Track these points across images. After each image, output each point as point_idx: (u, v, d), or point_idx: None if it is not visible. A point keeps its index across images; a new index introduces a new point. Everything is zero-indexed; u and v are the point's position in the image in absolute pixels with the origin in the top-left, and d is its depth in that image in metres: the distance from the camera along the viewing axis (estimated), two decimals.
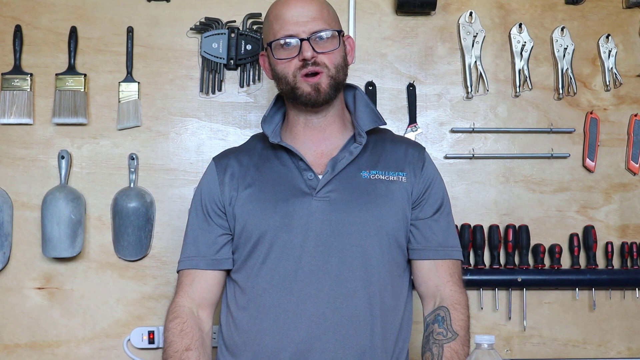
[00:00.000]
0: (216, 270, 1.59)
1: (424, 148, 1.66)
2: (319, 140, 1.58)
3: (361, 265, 1.50)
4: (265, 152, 1.61)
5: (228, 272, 1.62)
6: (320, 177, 1.54)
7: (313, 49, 1.49)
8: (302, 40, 1.49)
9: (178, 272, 1.63)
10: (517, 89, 2.18)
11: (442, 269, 1.56)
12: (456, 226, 2.08)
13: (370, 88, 2.17)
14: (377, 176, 1.55)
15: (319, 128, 1.59)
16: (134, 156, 2.12)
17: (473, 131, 2.18)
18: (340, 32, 1.55)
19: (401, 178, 1.56)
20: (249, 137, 1.75)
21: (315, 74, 1.51)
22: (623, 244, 2.17)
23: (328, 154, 1.57)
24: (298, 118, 1.59)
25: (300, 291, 1.49)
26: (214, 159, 1.68)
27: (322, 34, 1.51)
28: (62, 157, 2.09)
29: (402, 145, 1.63)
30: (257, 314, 1.52)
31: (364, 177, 1.54)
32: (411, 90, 2.17)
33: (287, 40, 1.51)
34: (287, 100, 1.59)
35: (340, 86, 1.56)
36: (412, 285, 1.64)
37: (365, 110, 1.62)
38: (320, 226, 1.50)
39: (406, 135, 2.16)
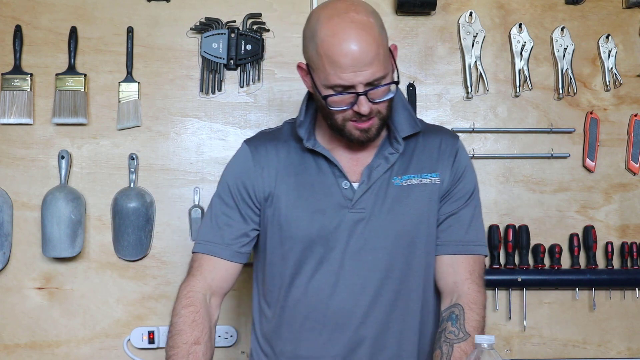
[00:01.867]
0: (237, 263, 1.55)
1: (457, 137, 1.59)
2: (354, 147, 1.52)
3: (397, 277, 1.49)
4: (302, 152, 1.54)
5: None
6: (355, 185, 1.50)
7: (369, 100, 1.40)
8: (358, 92, 1.39)
9: (195, 252, 1.57)
10: (517, 89, 2.18)
11: (462, 266, 1.51)
12: None
13: None
14: (410, 181, 1.50)
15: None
16: (134, 156, 2.12)
17: (473, 131, 2.18)
18: (395, 80, 1.45)
19: (434, 179, 1.52)
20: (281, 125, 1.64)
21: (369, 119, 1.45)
22: (623, 244, 2.17)
23: (363, 160, 1.52)
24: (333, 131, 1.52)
25: (336, 305, 1.48)
26: (247, 143, 1.58)
27: (381, 86, 1.40)
28: (62, 157, 2.09)
29: (436, 140, 1.55)
30: (292, 322, 1.52)
31: (396, 185, 1.50)
32: (411, 90, 2.17)
33: (342, 90, 1.39)
34: (331, 130, 1.50)
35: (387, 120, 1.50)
36: None
37: (403, 113, 1.54)
38: (356, 240, 1.48)
39: None
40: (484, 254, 1.56)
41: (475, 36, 2.18)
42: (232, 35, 2.13)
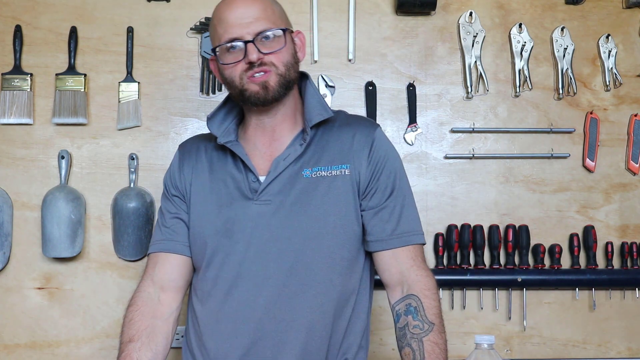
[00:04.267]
0: (182, 255, 1.58)
1: (376, 127, 1.58)
2: (269, 141, 1.55)
3: (301, 269, 1.48)
4: (222, 149, 1.58)
5: None
6: (262, 178, 1.51)
7: (259, 50, 1.45)
8: (246, 42, 1.45)
9: (148, 255, 1.64)
10: (517, 89, 2.18)
11: (403, 255, 1.51)
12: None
13: (370, 88, 2.17)
14: (319, 173, 1.51)
15: (269, 128, 1.55)
16: (134, 156, 2.12)
17: (473, 131, 2.18)
18: (286, 30, 1.50)
19: (344, 171, 1.51)
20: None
21: (262, 72, 1.47)
22: (623, 244, 2.17)
23: (275, 154, 1.54)
24: (250, 119, 1.56)
25: (239, 297, 1.49)
26: (179, 146, 1.68)
27: (268, 33, 1.47)
28: (62, 157, 2.10)
29: (350, 132, 1.55)
30: (202, 316, 1.53)
31: (305, 177, 1.50)
32: (411, 90, 2.17)
33: (232, 44, 1.46)
34: (238, 102, 1.57)
35: (291, 84, 1.52)
36: (370, 276, 1.60)
37: (312, 101, 1.56)
38: (260, 231, 1.49)
39: (406, 135, 2.16)
40: (421, 243, 1.54)
41: (475, 36, 2.18)
42: None
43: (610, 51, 2.20)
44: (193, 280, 1.59)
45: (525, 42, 2.18)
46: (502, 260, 2.15)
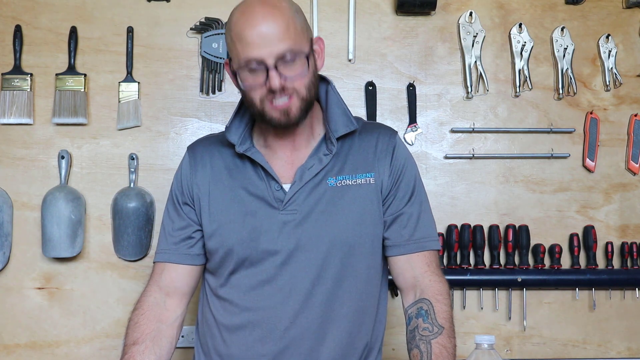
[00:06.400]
0: (186, 265, 1.57)
1: (395, 133, 1.58)
2: (290, 149, 1.53)
3: (328, 278, 1.48)
4: (240, 156, 1.56)
5: (204, 265, 1.61)
6: (287, 187, 1.50)
7: (280, 75, 1.39)
8: (268, 67, 1.39)
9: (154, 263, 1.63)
10: (517, 89, 2.18)
11: (418, 260, 1.52)
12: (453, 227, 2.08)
13: (370, 88, 2.17)
14: (344, 182, 1.50)
15: (289, 138, 1.53)
16: (134, 156, 2.12)
17: (473, 131, 2.18)
18: (308, 54, 1.43)
19: (369, 180, 1.51)
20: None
21: (284, 97, 1.43)
22: (623, 244, 2.17)
23: (298, 162, 1.53)
24: (267, 129, 1.53)
25: (266, 305, 1.48)
26: (188, 149, 1.62)
27: (291, 57, 1.39)
28: (62, 157, 2.10)
29: (372, 140, 1.55)
30: (225, 322, 1.53)
31: (330, 185, 1.50)
32: (411, 90, 2.18)
33: (253, 66, 1.40)
34: (256, 119, 1.54)
35: (312, 104, 1.49)
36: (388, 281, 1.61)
37: (337, 111, 1.54)
38: (288, 241, 1.48)
39: (406, 136, 2.16)
40: (437, 249, 1.55)
41: (475, 36, 2.18)
42: None
43: (610, 51, 2.20)
44: (212, 285, 1.57)
45: (525, 42, 2.18)
46: (502, 260, 2.15)
